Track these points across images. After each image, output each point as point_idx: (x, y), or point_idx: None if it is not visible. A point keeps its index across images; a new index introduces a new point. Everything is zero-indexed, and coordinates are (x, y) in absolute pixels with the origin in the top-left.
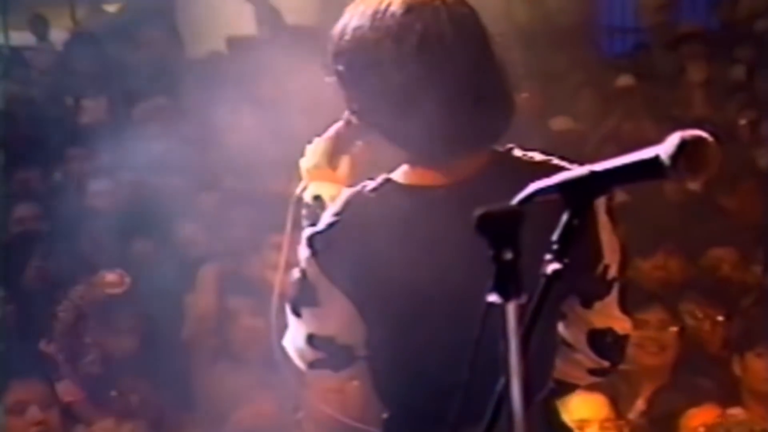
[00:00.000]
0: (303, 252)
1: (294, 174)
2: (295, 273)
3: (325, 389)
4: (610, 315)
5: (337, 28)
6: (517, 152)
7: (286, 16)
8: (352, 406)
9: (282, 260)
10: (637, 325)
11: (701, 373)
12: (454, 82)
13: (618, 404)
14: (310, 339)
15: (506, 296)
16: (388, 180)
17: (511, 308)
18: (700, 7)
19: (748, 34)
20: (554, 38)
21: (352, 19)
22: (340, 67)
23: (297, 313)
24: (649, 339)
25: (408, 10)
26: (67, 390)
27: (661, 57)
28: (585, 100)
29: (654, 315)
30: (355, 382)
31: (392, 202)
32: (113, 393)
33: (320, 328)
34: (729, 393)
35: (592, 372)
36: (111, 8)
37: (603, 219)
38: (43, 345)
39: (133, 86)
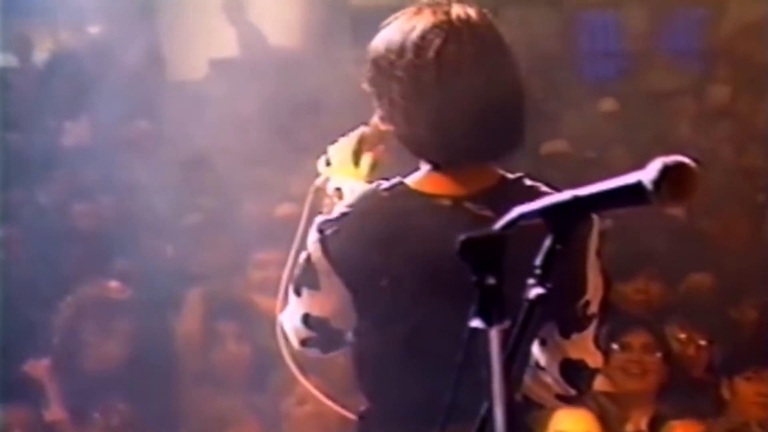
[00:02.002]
0: (312, 236)
1: (274, 195)
2: (303, 255)
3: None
4: (585, 348)
5: (375, 39)
6: (528, 181)
7: (270, 38)
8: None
9: (293, 253)
10: (621, 347)
11: (686, 396)
12: (465, 95)
13: (604, 422)
14: (306, 318)
15: (489, 322)
16: (401, 183)
17: (495, 334)
18: (682, 30)
19: (731, 56)
20: (538, 62)
21: (387, 32)
22: (369, 75)
23: (298, 292)
24: (632, 362)
25: (432, 26)
26: (50, 411)
27: (644, 82)
28: (568, 123)
29: (637, 338)
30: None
31: (401, 203)
32: (96, 415)
33: (316, 310)
34: (715, 415)
35: (559, 397)
36: (93, 29)
37: (592, 258)
38: (29, 366)
39: (115, 108)
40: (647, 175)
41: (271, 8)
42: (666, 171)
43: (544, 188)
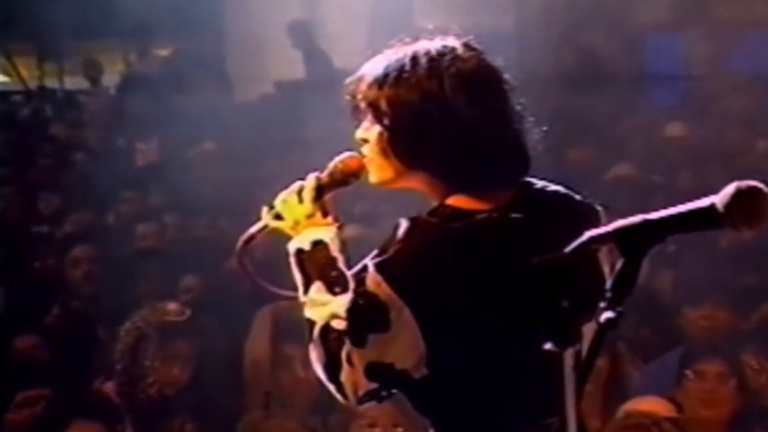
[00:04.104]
0: (373, 279)
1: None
2: (360, 302)
3: None
4: None
5: (369, 77)
6: (538, 183)
7: (335, 60)
8: None
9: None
10: (695, 376)
11: (758, 426)
12: (492, 123)
13: None
14: (369, 368)
15: (563, 344)
16: (443, 205)
17: (569, 356)
18: (749, 52)
19: None
20: (603, 85)
21: (388, 68)
22: (385, 119)
23: (360, 344)
24: (705, 392)
25: (436, 59)
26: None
27: (711, 105)
28: (635, 147)
29: (712, 367)
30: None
31: (453, 224)
32: None
33: (382, 355)
34: None
35: None
36: (162, 52)
37: (603, 253)
38: (98, 384)
39: (184, 129)
40: (720, 198)
41: (336, 30)
42: (739, 194)
43: (553, 187)
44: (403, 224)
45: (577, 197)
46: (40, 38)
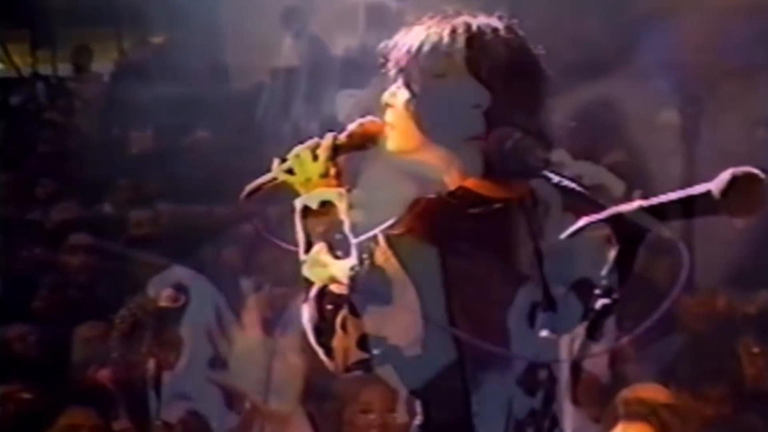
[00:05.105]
0: (382, 251)
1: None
2: (364, 272)
3: None
4: None
5: (405, 45)
6: (555, 178)
7: (329, 47)
8: None
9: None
10: (695, 397)
11: (754, 411)
12: (515, 109)
13: None
14: (362, 340)
15: (559, 332)
16: (462, 187)
17: (564, 344)
18: (744, 41)
19: None
20: (597, 72)
21: (426, 39)
22: (415, 87)
23: (358, 313)
24: (708, 414)
25: (476, 35)
26: (118, 422)
27: (705, 93)
28: (628, 135)
29: (716, 391)
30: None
31: (471, 209)
32: (158, 422)
33: (378, 329)
34: None
35: None
36: (157, 40)
37: None
38: (92, 372)
39: (179, 117)
40: (716, 185)
41: (331, 18)
42: (735, 181)
43: (565, 182)
44: (422, 201)
45: (592, 197)
46: (33, 25)
